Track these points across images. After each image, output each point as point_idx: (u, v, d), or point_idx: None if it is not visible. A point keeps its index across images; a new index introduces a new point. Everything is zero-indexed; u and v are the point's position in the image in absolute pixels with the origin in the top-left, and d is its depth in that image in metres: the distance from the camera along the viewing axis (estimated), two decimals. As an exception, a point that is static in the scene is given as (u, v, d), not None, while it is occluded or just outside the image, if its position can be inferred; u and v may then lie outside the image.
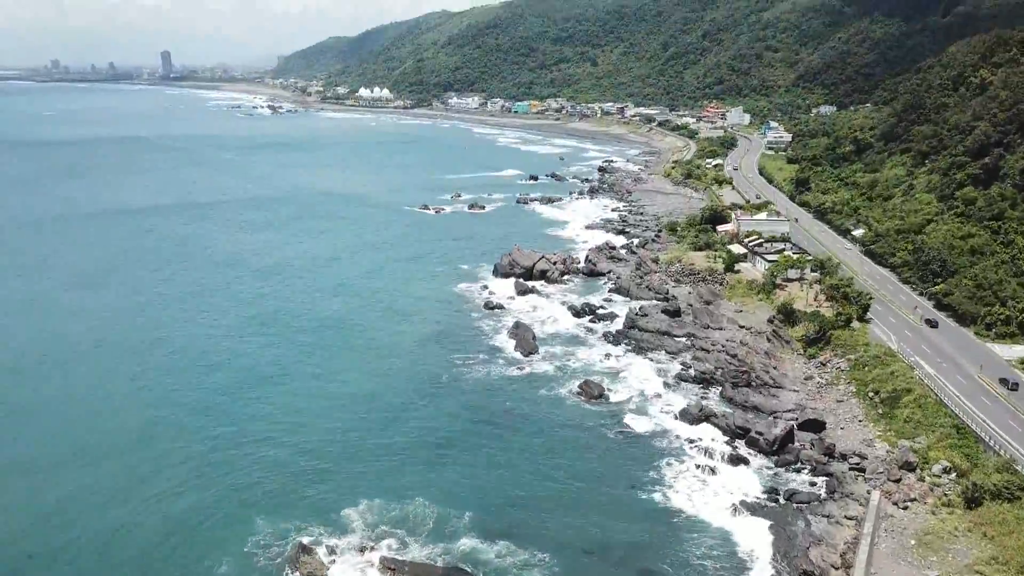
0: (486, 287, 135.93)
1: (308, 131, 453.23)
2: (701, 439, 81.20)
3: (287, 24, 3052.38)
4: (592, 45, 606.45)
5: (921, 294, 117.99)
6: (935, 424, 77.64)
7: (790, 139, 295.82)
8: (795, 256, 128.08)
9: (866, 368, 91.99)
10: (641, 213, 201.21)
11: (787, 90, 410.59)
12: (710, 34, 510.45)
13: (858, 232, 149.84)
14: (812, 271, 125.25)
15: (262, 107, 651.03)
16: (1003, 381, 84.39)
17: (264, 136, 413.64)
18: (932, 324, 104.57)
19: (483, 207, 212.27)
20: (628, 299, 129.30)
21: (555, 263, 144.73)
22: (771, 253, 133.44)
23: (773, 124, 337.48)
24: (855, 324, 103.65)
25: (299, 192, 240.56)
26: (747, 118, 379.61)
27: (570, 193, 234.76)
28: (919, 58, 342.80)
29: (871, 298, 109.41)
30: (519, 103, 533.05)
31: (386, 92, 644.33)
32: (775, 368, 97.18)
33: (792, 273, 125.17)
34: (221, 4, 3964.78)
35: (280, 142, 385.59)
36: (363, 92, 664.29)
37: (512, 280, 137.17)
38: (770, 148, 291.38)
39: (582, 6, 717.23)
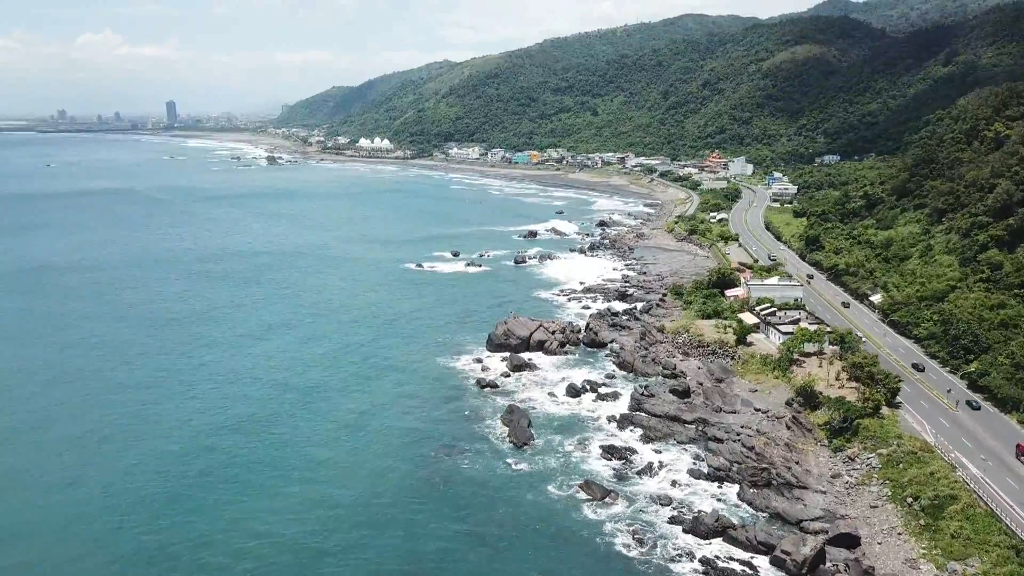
0: (479, 360, 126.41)
1: (303, 184, 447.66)
2: (718, 558, 70.74)
3: (292, 74, 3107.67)
4: (592, 95, 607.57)
5: (952, 371, 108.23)
6: (989, 542, 67.34)
7: (795, 191, 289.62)
8: (812, 328, 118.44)
9: (900, 466, 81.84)
10: (644, 272, 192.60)
11: (789, 139, 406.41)
12: (710, 83, 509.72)
13: (876, 298, 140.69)
14: (831, 344, 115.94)
15: (260, 158, 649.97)
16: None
17: (257, 189, 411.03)
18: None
19: (479, 266, 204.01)
20: (632, 374, 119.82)
21: (553, 332, 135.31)
22: (785, 323, 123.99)
23: (777, 175, 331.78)
24: (884, 410, 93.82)
25: (279, 249, 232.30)
26: (750, 168, 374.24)
27: (570, 250, 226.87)
28: (922, 107, 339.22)
29: (900, 380, 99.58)
30: (519, 153, 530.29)
31: (386, 143, 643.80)
32: (798, 464, 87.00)
33: (809, 346, 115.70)
34: (227, 56, 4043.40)
35: (272, 194, 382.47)
36: (363, 143, 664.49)
37: (507, 353, 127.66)
38: (775, 200, 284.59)
39: (582, 56, 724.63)
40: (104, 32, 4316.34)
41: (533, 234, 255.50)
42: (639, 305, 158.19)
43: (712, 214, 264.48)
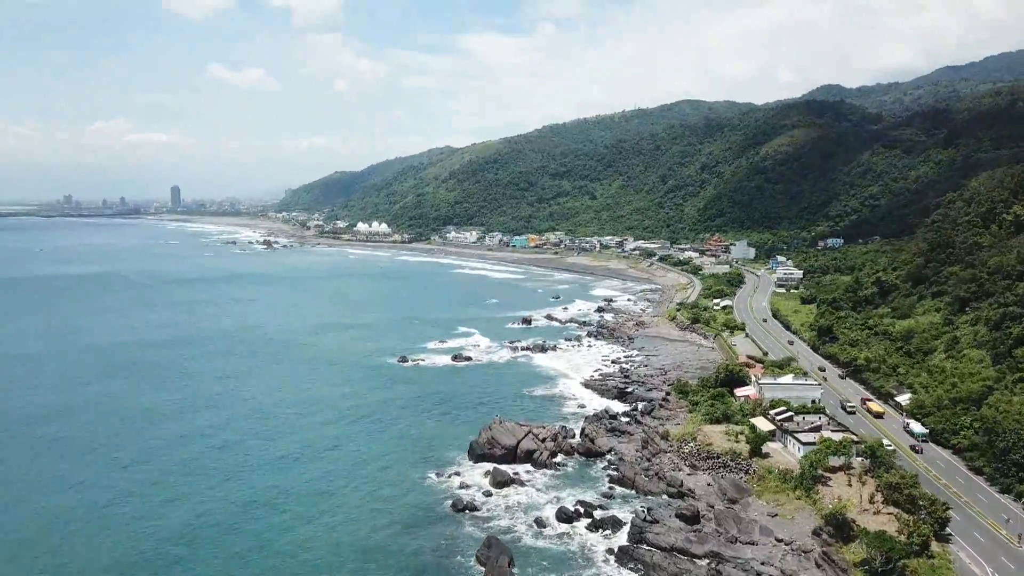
0: (458, 474, 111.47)
1: (293, 268, 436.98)
2: None
3: (297, 158, 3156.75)
4: (591, 179, 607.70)
5: (1003, 491, 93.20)
6: None
7: (800, 275, 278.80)
8: (837, 439, 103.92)
9: (965, 626, 66.32)
10: (645, 365, 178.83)
11: (791, 222, 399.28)
12: (708, 167, 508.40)
13: (903, 398, 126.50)
14: (858, 456, 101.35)
15: (256, 242, 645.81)
16: None
17: (245, 272, 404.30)
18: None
19: (468, 358, 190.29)
20: (633, 492, 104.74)
21: (544, 440, 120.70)
22: (804, 431, 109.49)
23: (781, 259, 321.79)
24: (933, 545, 78.46)
25: (247, 337, 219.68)
26: (752, 252, 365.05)
27: (566, 339, 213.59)
28: (926, 189, 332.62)
29: (948, 508, 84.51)
30: (517, 237, 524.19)
31: (384, 226, 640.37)
32: (835, 619, 71.29)
33: (834, 460, 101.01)
34: (234, 141, 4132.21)
35: (260, 279, 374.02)
36: (361, 227, 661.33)
37: (491, 465, 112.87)
38: (780, 285, 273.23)
39: (580, 141, 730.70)
40: (117, 119, 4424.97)
41: (528, 321, 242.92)
42: (640, 405, 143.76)
43: (715, 300, 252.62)
